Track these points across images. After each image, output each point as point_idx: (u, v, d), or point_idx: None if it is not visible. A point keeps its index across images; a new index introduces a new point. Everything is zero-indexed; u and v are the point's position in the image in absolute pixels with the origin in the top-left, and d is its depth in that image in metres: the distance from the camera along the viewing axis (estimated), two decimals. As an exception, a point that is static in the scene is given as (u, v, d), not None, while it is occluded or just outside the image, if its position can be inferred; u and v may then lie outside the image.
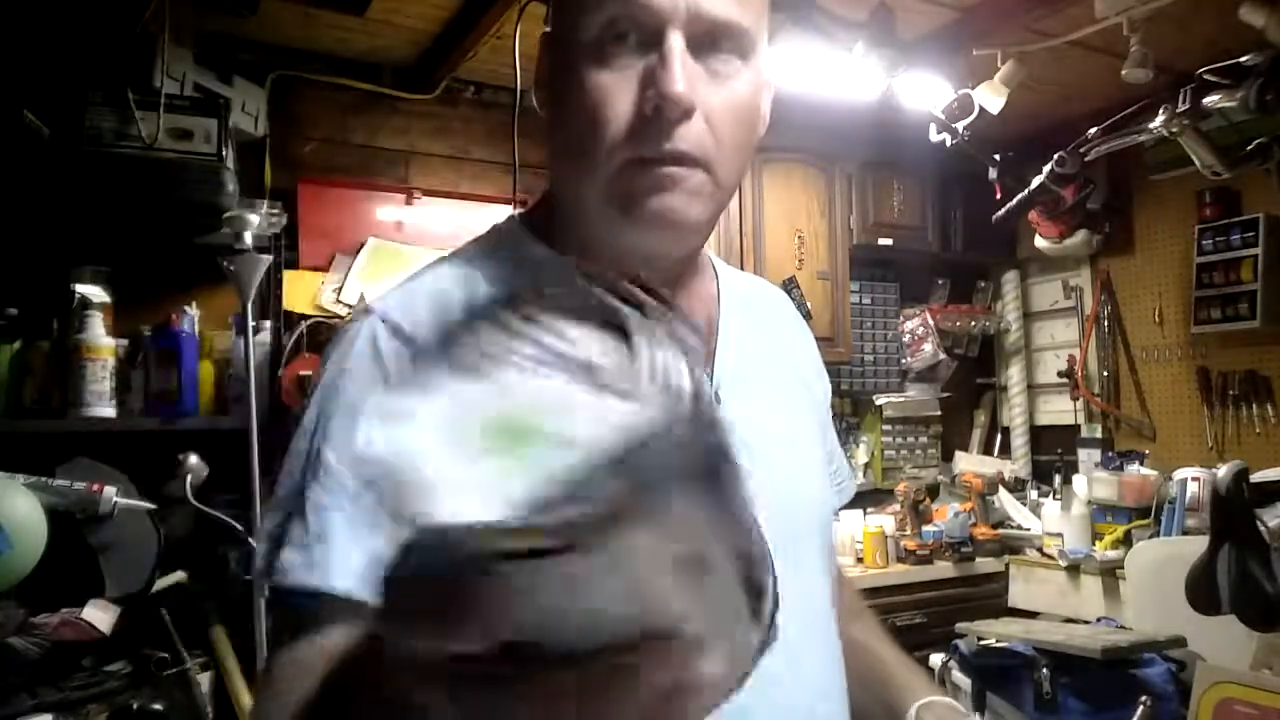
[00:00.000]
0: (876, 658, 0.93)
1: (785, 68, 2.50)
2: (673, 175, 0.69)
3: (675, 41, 0.67)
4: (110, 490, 1.93)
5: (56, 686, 1.77)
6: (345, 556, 0.63)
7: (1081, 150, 2.55)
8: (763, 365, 0.84)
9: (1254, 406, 3.13)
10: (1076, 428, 3.65)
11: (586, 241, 0.75)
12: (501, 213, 3.08)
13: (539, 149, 3.00)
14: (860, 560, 3.09)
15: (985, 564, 3.18)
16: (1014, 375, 3.92)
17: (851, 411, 3.71)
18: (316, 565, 0.63)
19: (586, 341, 0.35)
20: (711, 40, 0.69)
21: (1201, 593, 1.52)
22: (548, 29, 0.77)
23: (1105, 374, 3.57)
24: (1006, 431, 3.94)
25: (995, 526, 3.31)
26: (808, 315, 3.26)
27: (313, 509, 0.65)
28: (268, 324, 2.44)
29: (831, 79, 2.62)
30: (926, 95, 2.68)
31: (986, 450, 3.96)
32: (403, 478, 0.31)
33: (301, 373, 2.37)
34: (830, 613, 0.83)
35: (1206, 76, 2.21)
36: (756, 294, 0.91)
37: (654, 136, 0.68)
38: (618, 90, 0.68)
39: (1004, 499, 3.43)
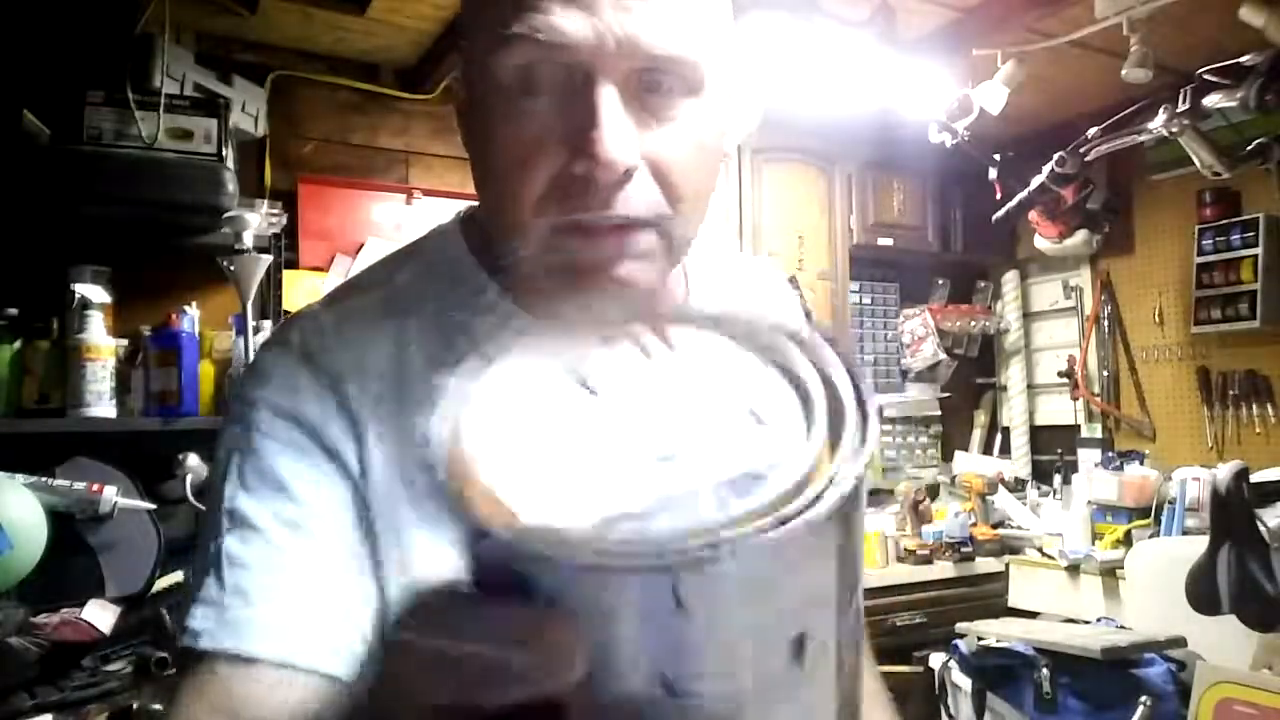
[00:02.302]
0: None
1: (785, 68, 2.50)
2: (619, 243, 0.58)
3: (604, 93, 0.56)
4: (110, 490, 1.93)
5: (56, 686, 1.77)
6: (266, 616, 0.57)
7: (1081, 150, 2.56)
8: None
9: (1254, 406, 3.13)
10: (1076, 428, 3.65)
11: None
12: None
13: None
14: (860, 560, 3.09)
15: (985, 564, 3.18)
16: (1014, 375, 3.92)
17: (851, 411, 3.71)
18: (232, 626, 0.57)
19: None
20: (651, 80, 0.57)
21: (1201, 593, 1.53)
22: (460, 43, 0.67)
23: (1105, 374, 3.57)
24: (1006, 431, 3.94)
25: (995, 526, 3.31)
26: (807, 315, 3.26)
27: (229, 564, 0.58)
28: (268, 324, 2.44)
29: (831, 79, 2.62)
30: (926, 95, 2.68)
31: (986, 450, 3.96)
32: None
33: (301, 373, 2.37)
34: None
35: (1206, 76, 2.21)
36: (734, 280, 0.82)
37: (588, 203, 0.57)
38: (539, 148, 0.57)
39: (1004, 499, 3.43)
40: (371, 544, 0.60)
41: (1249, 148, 2.37)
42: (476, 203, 0.71)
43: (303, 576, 0.58)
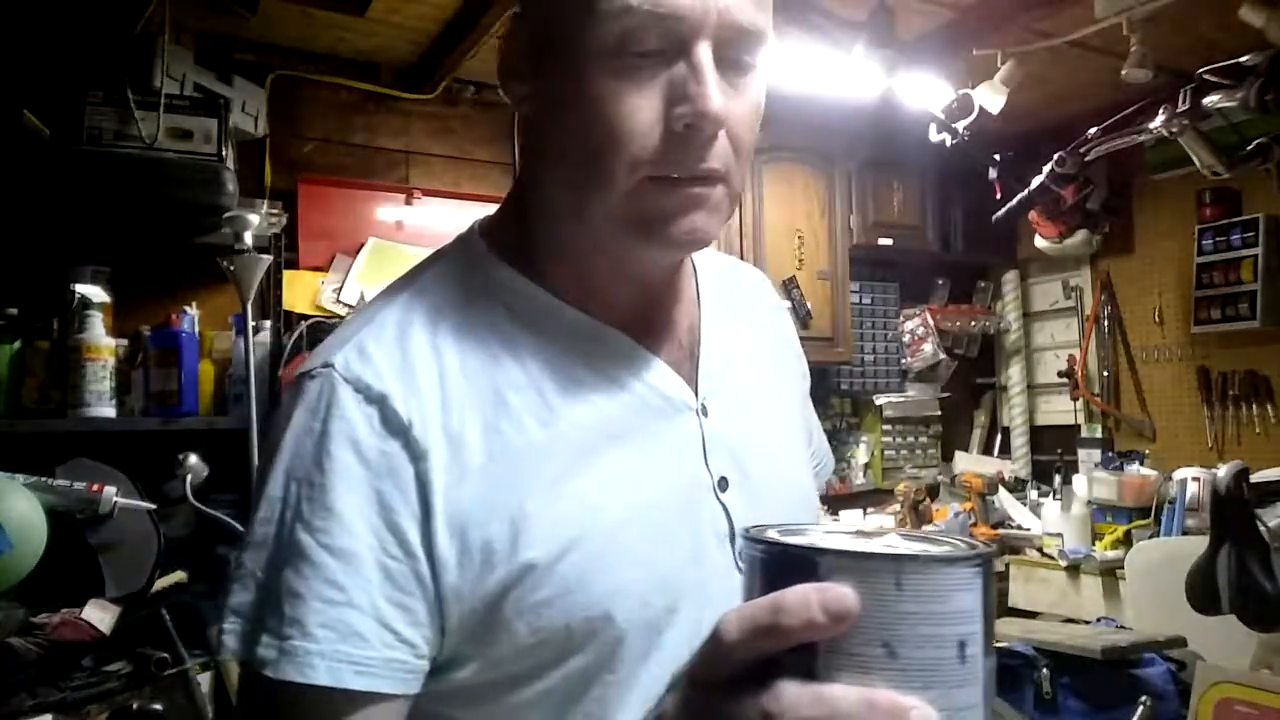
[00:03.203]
0: None
1: (785, 68, 2.50)
2: (699, 195, 0.65)
3: (705, 54, 0.62)
4: (110, 490, 1.93)
5: (56, 686, 1.77)
6: (327, 647, 0.60)
7: (1081, 150, 2.55)
8: (745, 361, 0.81)
9: (1254, 406, 3.13)
10: (1076, 428, 3.65)
11: (572, 258, 0.71)
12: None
13: (539, 149, 3.01)
14: (860, 560, 3.09)
15: (985, 564, 3.18)
16: (1014, 375, 3.92)
17: (851, 411, 3.71)
18: (295, 657, 0.60)
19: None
20: (735, 49, 0.64)
21: (1201, 593, 1.53)
22: (518, 11, 0.70)
23: (1105, 374, 3.57)
24: (1006, 431, 3.94)
25: (995, 526, 3.31)
26: (807, 315, 3.26)
27: (288, 594, 0.61)
28: (268, 324, 2.44)
29: (831, 79, 2.62)
30: (926, 95, 2.68)
31: (986, 450, 3.96)
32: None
33: (301, 373, 2.37)
34: None
35: (1206, 76, 2.20)
36: (731, 281, 0.87)
37: (683, 156, 0.64)
38: (640, 104, 0.63)
39: (1004, 499, 3.43)
40: (454, 560, 0.63)
41: (1249, 148, 2.36)
42: (491, 212, 0.77)
43: (360, 607, 0.62)
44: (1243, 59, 2.16)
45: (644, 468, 0.69)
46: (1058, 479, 3.24)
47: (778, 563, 0.44)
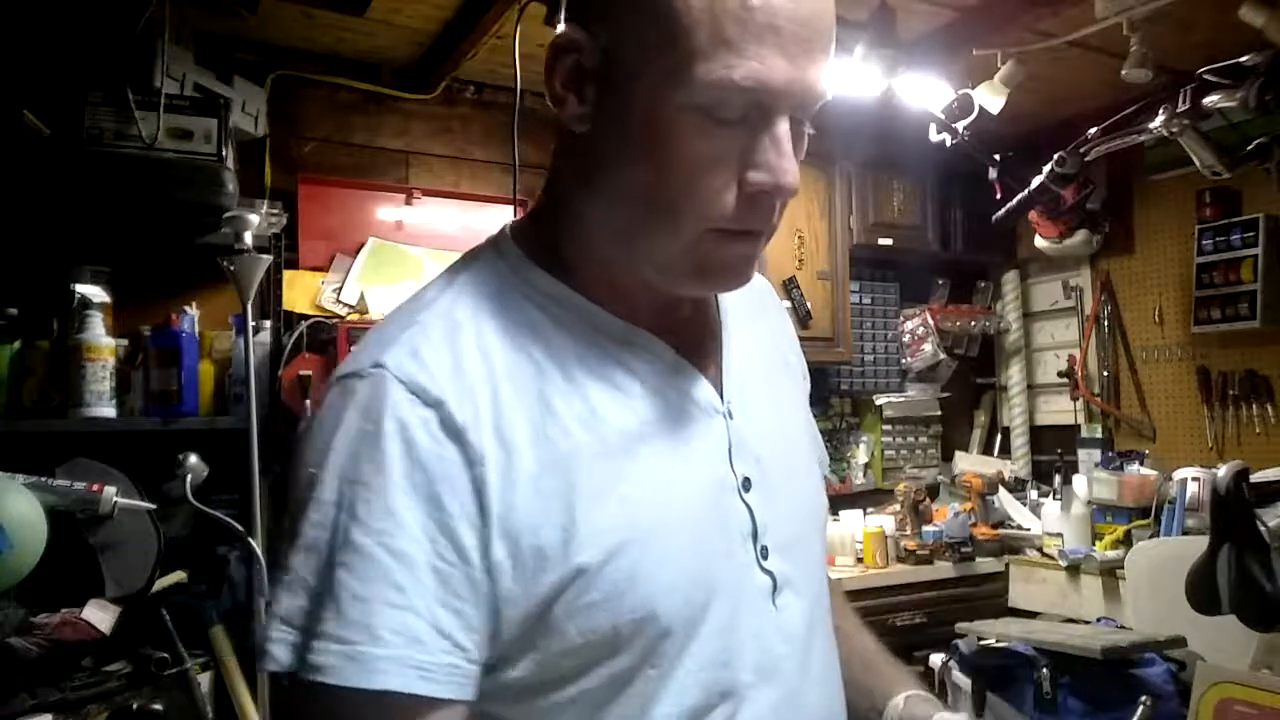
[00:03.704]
0: (862, 646, 0.94)
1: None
2: (748, 244, 0.70)
3: (785, 127, 0.66)
4: (110, 490, 1.93)
5: (56, 686, 1.77)
6: (396, 652, 0.60)
7: (1081, 150, 2.55)
8: (760, 365, 0.83)
9: (1254, 406, 3.13)
10: (1076, 428, 3.65)
11: (609, 272, 0.73)
12: (502, 213, 3.08)
13: (539, 149, 3.01)
14: (860, 560, 3.09)
15: (985, 564, 3.18)
16: (1014, 375, 3.92)
17: (851, 411, 3.71)
18: (365, 664, 0.60)
19: None
20: (804, 114, 0.69)
21: (1201, 593, 1.52)
22: (586, 28, 0.68)
23: (1105, 374, 3.57)
24: (1006, 431, 3.94)
25: (995, 526, 3.31)
26: (807, 315, 3.26)
27: (350, 598, 0.61)
28: (268, 324, 2.44)
29: (831, 79, 2.61)
30: (926, 95, 2.68)
31: (986, 450, 3.96)
32: None
33: (301, 373, 2.37)
34: (829, 613, 0.84)
35: (1206, 76, 2.20)
36: (749, 296, 0.88)
37: (750, 215, 0.68)
38: (716, 163, 0.66)
39: (1004, 499, 3.43)
40: (508, 564, 0.64)
41: (1249, 148, 2.36)
42: (519, 217, 0.79)
43: (418, 611, 0.62)
44: (1243, 59, 2.16)
45: (680, 469, 0.71)
46: (1058, 479, 3.24)
47: None
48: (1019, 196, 2.77)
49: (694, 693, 0.69)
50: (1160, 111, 2.31)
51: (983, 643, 1.64)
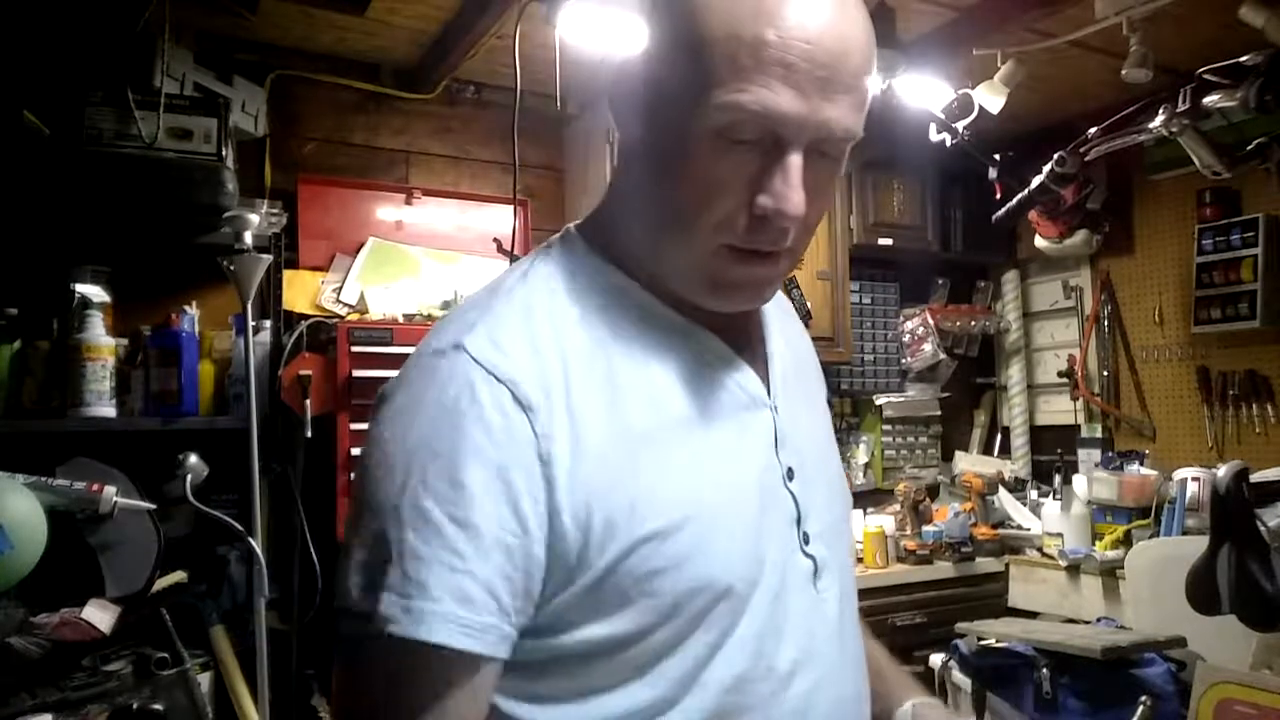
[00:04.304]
0: (869, 651, 0.97)
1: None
2: (767, 267, 0.75)
3: (797, 159, 0.70)
4: (110, 490, 1.93)
5: (56, 686, 1.77)
6: (445, 609, 0.65)
7: (1081, 150, 2.55)
8: (796, 370, 0.89)
9: (1254, 406, 3.13)
10: (1076, 428, 3.65)
11: (649, 273, 0.78)
12: (502, 212, 3.07)
13: (539, 149, 3.02)
14: (860, 560, 3.09)
15: (985, 564, 3.18)
16: (1014, 375, 3.92)
17: (851, 411, 3.71)
18: (417, 616, 0.65)
19: None
20: (826, 149, 0.72)
21: (1201, 593, 1.52)
22: (646, 47, 0.76)
23: (1105, 374, 3.57)
24: (1006, 431, 3.94)
25: (995, 526, 3.31)
26: (807, 315, 3.26)
27: (411, 558, 0.66)
28: (268, 324, 2.44)
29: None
30: (926, 95, 2.68)
31: (986, 450, 3.96)
32: None
33: (301, 372, 2.37)
34: (856, 601, 0.89)
35: (1206, 76, 2.20)
36: (780, 307, 0.95)
37: (759, 235, 0.72)
38: (729, 183, 0.71)
39: (1004, 499, 3.43)
40: (575, 533, 0.69)
41: (1249, 148, 2.36)
42: (582, 220, 0.85)
43: (475, 575, 0.66)
44: (1243, 59, 2.16)
45: (735, 454, 0.77)
46: (1058, 479, 3.24)
47: None
48: (1019, 196, 2.77)
49: (742, 661, 0.73)
50: (1160, 111, 2.31)
51: (983, 643, 1.64)
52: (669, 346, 0.77)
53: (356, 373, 2.34)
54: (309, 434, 2.34)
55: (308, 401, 2.34)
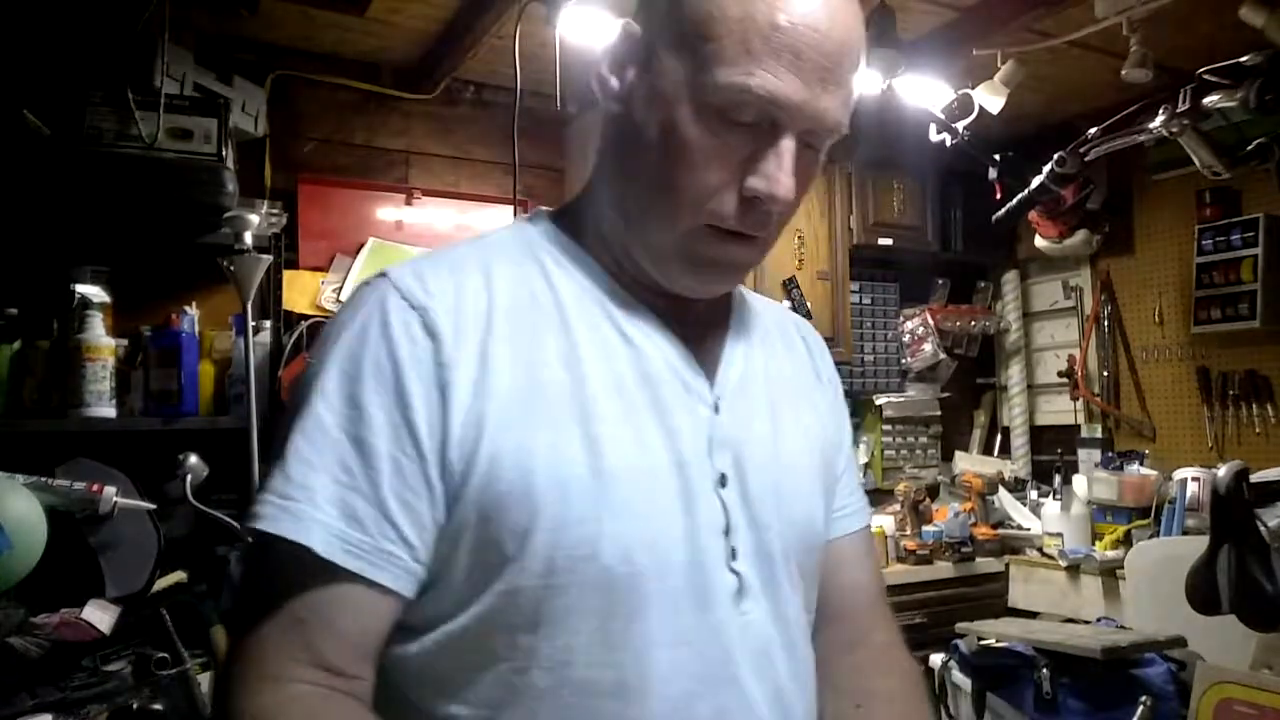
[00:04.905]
0: (885, 693, 0.88)
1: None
2: (742, 248, 0.75)
3: (790, 143, 0.71)
4: (110, 490, 1.93)
5: (56, 686, 1.76)
6: (322, 513, 0.65)
7: (1081, 150, 2.55)
8: (767, 385, 0.84)
9: (1254, 406, 3.13)
10: (1076, 428, 3.65)
11: (622, 250, 0.78)
12: (502, 212, 3.08)
13: (539, 149, 3.01)
14: (860, 560, 3.09)
15: (985, 564, 3.18)
16: (1014, 375, 3.92)
17: (852, 411, 3.67)
18: (293, 515, 0.65)
19: None
20: (812, 141, 0.73)
21: (1201, 593, 1.52)
22: (634, 18, 0.76)
23: (1105, 374, 3.57)
24: (1006, 431, 3.94)
25: (995, 526, 3.31)
26: (807, 315, 3.26)
27: (296, 459, 0.67)
28: (268, 324, 2.44)
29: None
30: (926, 95, 2.68)
31: (986, 450, 3.96)
32: None
33: (301, 373, 2.37)
34: (803, 647, 0.81)
35: (1206, 76, 2.20)
36: (770, 319, 0.92)
37: (743, 218, 0.72)
38: (721, 162, 0.71)
39: (1004, 499, 3.43)
40: (461, 466, 0.68)
41: (1249, 148, 2.36)
42: (565, 203, 0.85)
43: (365, 495, 0.66)
44: (1243, 59, 2.16)
45: (652, 435, 0.73)
46: (1058, 479, 3.24)
47: None
48: (1019, 196, 2.77)
49: (617, 663, 0.68)
50: (1160, 111, 2.31)
51: (983, 643, 1.64)
52: (607, 317, 0.76)
53: (356, 373, 2.33)
54: (309, 434, 2.34)
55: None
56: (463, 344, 0.69)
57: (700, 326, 0.81)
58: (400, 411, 0.67)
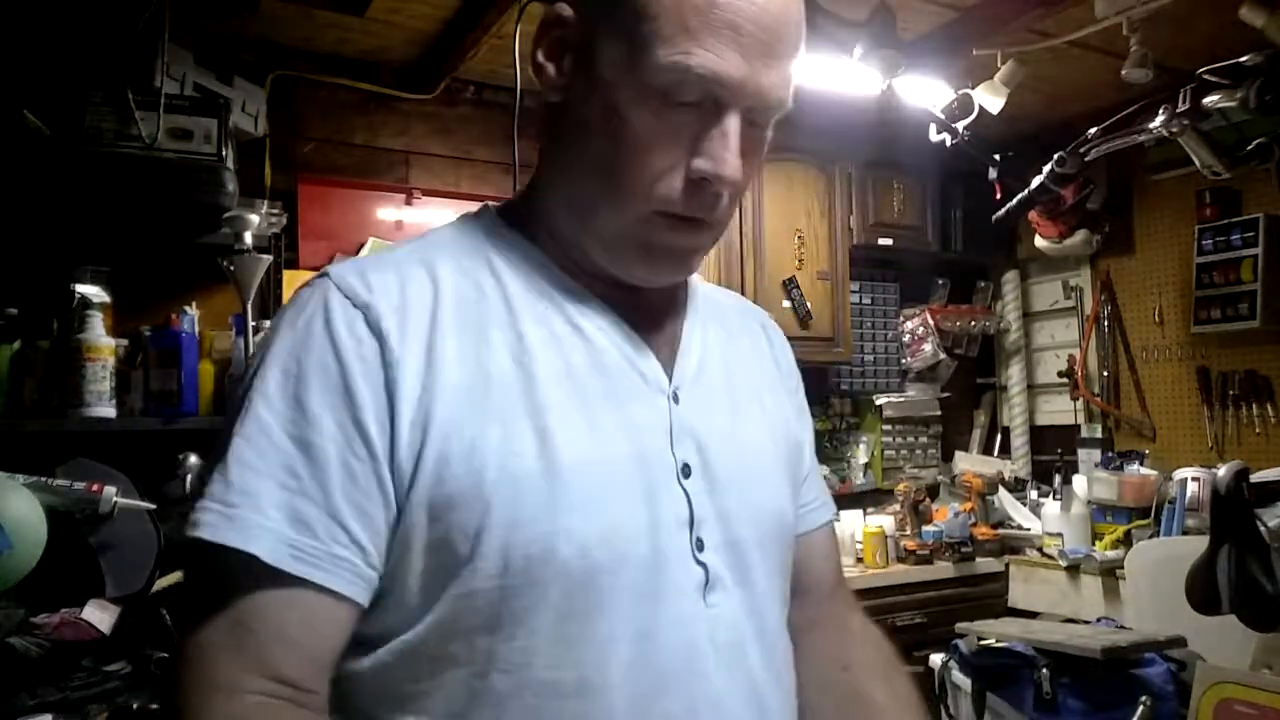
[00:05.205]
0: (873, 696, 0.89)
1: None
2: (696, 236, 0.74)
3: (735, 122, 0.70)
4: (110, 490, 1.93)
5: (57, 686, 1.76)
6: (268, 520, 0.62)
7: (1081, 150, 2.55)
8: (725, 374, 0.83)
9: (1254, 406, 3.13)
10: (1076, 428, 3.65)
11: (570, 242, 0.76)
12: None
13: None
14: (860, 560, 3.09)
15: (985, 564, 3.18)
16: (1014, 375, 3.92)
17: (851, 411, 3.71)
18: (237, 523, 0.62)
19: None
20: (756, 118, 0.72)
21: (1201, 593, 1.52)
22: (567, 12, 0.73)
23: (1105, 374, 3.57)
24: (1006, 431, 3.94)
25: (995, 526, 3.31)
26: (807, 315, 3.26)
27: (237, 463, 0.64)
28: (268, 324, 2.44)
29: (831, 79, 2.62)
30: (926, 95, 2.68)
31: (986, 450, 3.96)
32: None
33: (301, 373, 2.37)
34: (777, 639, 0.80)
35: (1206, 76, 2.20)
36: (730, 310, 0.91)
37: (692, 203, 0.71)
38: (666, 145, 0.69)
39: (1004, 499, 3.43)
40: (410, 467, 0.66)
41: (1249, 148, 2.36)
42: (508, 196, 0.85)
43: (313, 499, 0.64)
44: (1243, 59, 2.16)
45: (609, 426, 0.71)
46: (1058, 479, 3.24)
47: None
48: (1019, 196, 2.77)
49: (580, 659, 0.66)
50: (1160, 111, 2.31)
51: (983, 643, 1.64)
52: (556, 309, 0.74)
53: (356, 373, 2.34)
54: (309, 434, 2.34)
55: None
56: (408, 342, 0.68)
57: (655, 316, 0.79)
58: (348, 411, 0.65)
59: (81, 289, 2.16)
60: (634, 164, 0.70)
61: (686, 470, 0.74)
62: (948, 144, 2.74)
